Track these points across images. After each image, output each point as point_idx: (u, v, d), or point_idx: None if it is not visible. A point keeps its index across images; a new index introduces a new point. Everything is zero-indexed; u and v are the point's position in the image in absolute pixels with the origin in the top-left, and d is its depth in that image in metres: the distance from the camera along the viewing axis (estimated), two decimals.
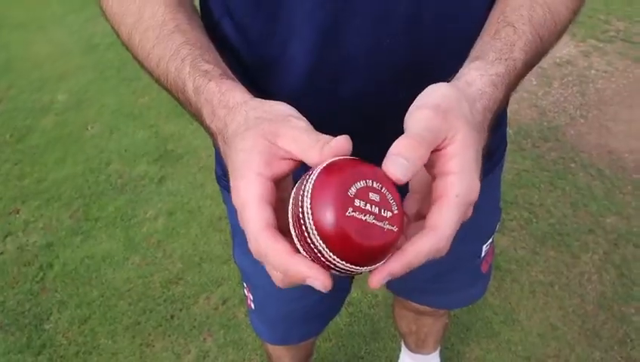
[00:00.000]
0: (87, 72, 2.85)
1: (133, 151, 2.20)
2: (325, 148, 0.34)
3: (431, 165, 0.36)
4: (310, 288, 0.83)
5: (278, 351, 1.02)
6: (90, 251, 1.74)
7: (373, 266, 0.34)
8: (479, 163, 0.37)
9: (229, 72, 0.45)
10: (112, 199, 1.94)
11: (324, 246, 0.31)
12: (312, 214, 0.31)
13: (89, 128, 2.38)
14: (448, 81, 0.41)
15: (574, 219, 1.74)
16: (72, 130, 2.37)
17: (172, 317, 1.51)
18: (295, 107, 0.55)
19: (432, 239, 0.34)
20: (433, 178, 0.36)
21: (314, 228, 0.31)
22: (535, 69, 0.50)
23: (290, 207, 0.33)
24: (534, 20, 0.45)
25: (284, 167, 0.36)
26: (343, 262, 0.32)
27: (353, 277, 0.89)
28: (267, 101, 0.40)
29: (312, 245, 0.32)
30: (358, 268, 0.33)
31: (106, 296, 1.59)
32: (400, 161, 0.32)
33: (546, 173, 1.94)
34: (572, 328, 1.43)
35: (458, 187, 0.34)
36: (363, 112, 0.52)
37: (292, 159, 0.36)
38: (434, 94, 0.37)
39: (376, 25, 0.48)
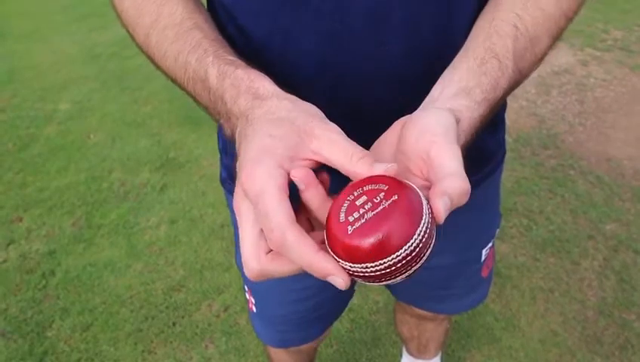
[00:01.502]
0: (90, 82, 2.88)
1: (136, 159, 2.21)
2: (378, 167, 0.34)
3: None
4: (313, 290, 0.83)
5: (280, 357, 1.03)
6: (92, 258, 1.75)
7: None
8: None
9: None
10: (114, 207, 1.95)
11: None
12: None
13: (91, 137, 2.40)
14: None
15: (574, 226, 1.75)
16: (75, 138, 2.39)
17: (174, 324, 1.52)
18: None
19: None
20: None
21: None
22: (534, 77, 0.51)
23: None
24: (517, 53, 0.46)
25: (303, 166, 0.36)
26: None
27: (356, 282, 0.90)
28: (298, 99, 0.40)
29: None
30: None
31: (108, 303, 1.59)
32: (447, 201, 0.34)
33: (545, 180, 1.95)
34: (573, 334, 1.43)
35: None
36: (364, 118, 0.53)
37: (315, 161, 0.36)
38: (441, 122, 0.38)
39: (374, 31, 0.50)
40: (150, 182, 2.07)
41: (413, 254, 0.32)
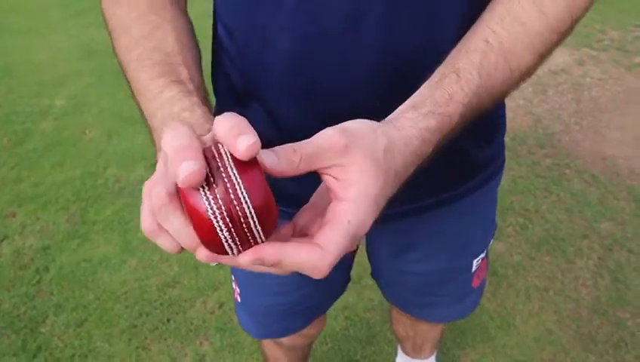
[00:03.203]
0: (86, 77, 2.86)
1: (131, 155, 2.21)
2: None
3: (329, 189, 0.36)
4: (297, 283, 0.84)
5: (273, 353, 1.03)
6: (86, 254, 1.74)
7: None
8: (377, 205, 0.36)
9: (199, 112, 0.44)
10: (109, 203, 1.95)
11: (259, 228, 0.32)
12: (250, 200, 0.31)
13: (87, 132, 2.39)
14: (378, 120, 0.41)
15: (569, 225, 1.75)
16: (70, 134, 2.38)
17: (168, 320, 1.51)
18: (274, 111, 0.56)
19: (314, 255, 0.33)
20: (329, 202, 0.36)
21: (254, 213, 0.31)
22: (531, 77, 0.49)
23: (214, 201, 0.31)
24: (484, 68, 0.43)
25: None
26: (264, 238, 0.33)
27: (349, 280, 0.90)
28: None
29: (246, 230, 0.32)
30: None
31: (102, 299, 1.59)
32: (271, 153, 0.33)
33: (541, 179, 1.95)
34: (567, 332, 1.43)
35: (352, 214, 0.34)
36: (339, 120, 0.53)
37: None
38: (351, 123, 0.37)
39: (349, 35, 0.49)
40: (145, 179, 2.04)
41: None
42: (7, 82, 2.86)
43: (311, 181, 0.38)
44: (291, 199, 0.45)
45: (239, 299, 0.86)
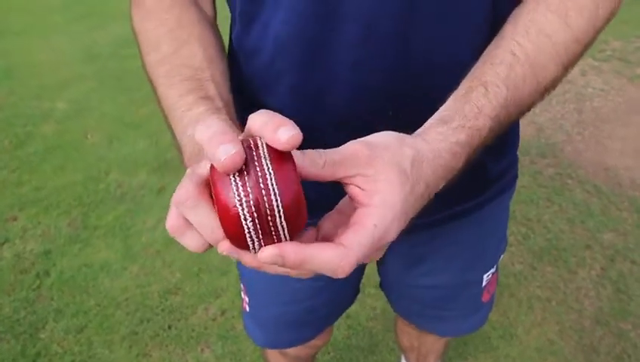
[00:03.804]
0: (88, 81, 2.86)
1: (133, 160, 2.20)
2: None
3: (353, 199, 0.36)
4: (308, 293, 0.83)
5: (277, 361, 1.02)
6: (88, 260, 1.73)
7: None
8: (405, 215, 0.36)
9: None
10: (111, 208, 1.94)
11: (285, 225, 0.32)
12: (280, 196, 0.31)
13: (89, 137, 2.38)
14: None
15: (571, 235, 1.75)
16: (72, 138, 2.37)
17: (170, 327, 1.50)
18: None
19: (337, 253, 0.32)
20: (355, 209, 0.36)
21: (282, 209, 0.31)
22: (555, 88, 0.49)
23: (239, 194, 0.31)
24: (511, 80, 0.43)
25: None
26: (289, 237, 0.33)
27: (358, 292, 0.90)
28: None
29: (271, 226, 0.31)
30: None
31: (103, 305, 1.58)
32: (297, 151, 0.33)
33: (543, 189, 1.95)
34: (569, 343, 1.43)
35: (378, 219, 0.34)
36: (351, 128, 0.53)
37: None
38: (378, 136, 0.37)
39: (361, 44, 0.49)
40: (147, 184, 2.06)
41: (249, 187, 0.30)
42: (8, 84, 2.85)
43: (333, 189, 0.38)
44: (311, 206, 0.45)
45: (247, 309, 0.85)
